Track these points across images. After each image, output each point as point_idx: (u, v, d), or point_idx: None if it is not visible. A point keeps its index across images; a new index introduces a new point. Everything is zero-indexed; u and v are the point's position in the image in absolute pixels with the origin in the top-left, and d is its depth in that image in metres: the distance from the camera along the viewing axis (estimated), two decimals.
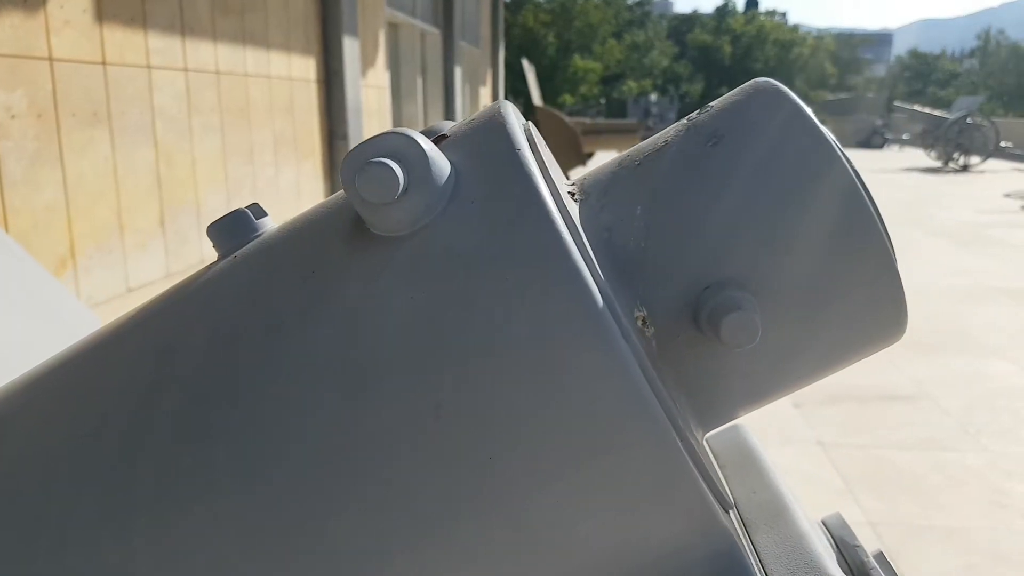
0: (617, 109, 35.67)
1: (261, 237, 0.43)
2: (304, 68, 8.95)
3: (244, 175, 7.51)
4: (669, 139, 0.42)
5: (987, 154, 19.50)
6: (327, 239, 0.38)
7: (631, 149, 0.45)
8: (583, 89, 37.45)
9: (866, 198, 0.39)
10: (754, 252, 0.39)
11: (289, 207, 8.48)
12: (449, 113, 17.22)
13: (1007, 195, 13.84)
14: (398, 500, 0.35)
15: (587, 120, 8.65)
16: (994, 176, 17.65)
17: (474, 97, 20.72)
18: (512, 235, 0.35)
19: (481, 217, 0.35)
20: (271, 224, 0.43)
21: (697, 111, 0.42)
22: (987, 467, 3.33)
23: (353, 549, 0.35)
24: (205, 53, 6.74)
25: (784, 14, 56.51)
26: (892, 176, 17.61)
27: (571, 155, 6.88)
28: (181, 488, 0.36)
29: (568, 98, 34.36)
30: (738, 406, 0.43)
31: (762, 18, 51.88)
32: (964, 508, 3.00)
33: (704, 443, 0.45)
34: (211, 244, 0.43)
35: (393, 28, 14.16)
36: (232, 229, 0.43)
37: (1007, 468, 3.32)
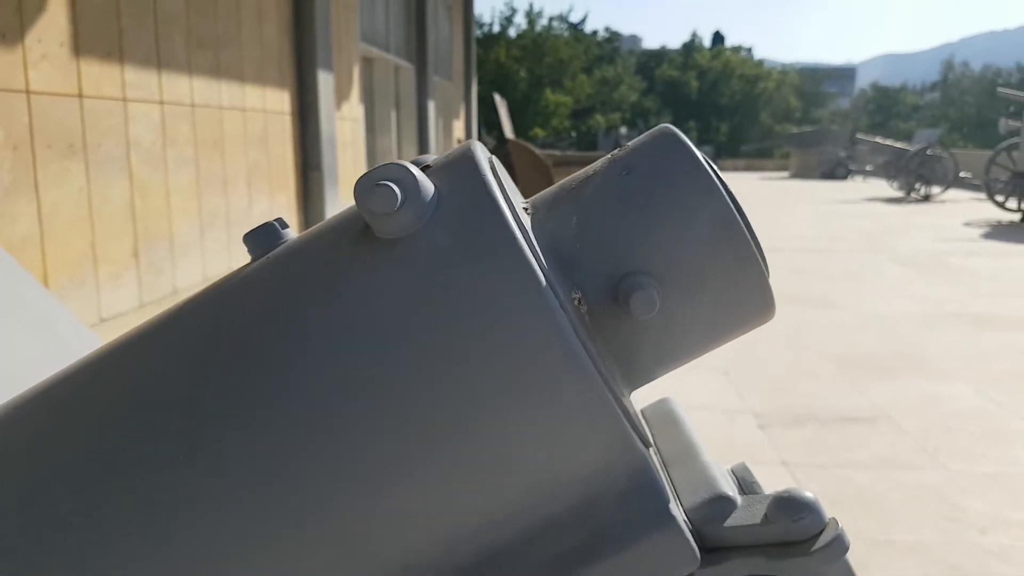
0: (588, 142, 36.15)
1: (287, 243, 0.54)
2: (278, 101, 9.04)
3: (218, 206, 7.56)
4: (597, 169, 0.56)
5: (947, 184, 19.99)
6: (341, 241, 0.51)
7: (570, 176, 0.58)
8: (554, 122, 37.90)
9: (737, 215, 0.52)
10: (655, 250, 0.52)
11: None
12: (423, 146, 17.36)
13: (966, 224, 14.21)
14: (394, 430, 0.45)
15: (558, 152, 8.84)
16: (954, 206, 18.10)
17: (447, 130, 20.92)
18: (479, 236, 0.47)
19: (456, 224, 0.48)
20: (292, 234, 0.54)
21: (618, 148, 0.55)
22: (944, 484, 3.45)
23: (368, 470, 0.45)
24: (180, 86, 6.82)
25: (750, 49, 57.61)
26: (856, 206, 17.99)
27: (543, 184, 7.04)
28: (240, 442, 0.47)
29: (540, 131, 34.76)
30: (652, 368, 0.55)
31: (728, 53, 52.88)
32: (922, 523, 3.11)
33: (630, 397, 0.55)
34: (245, 249, 0.54)
35: (367, 62, 14.33)
36: (264, 237, 0.55)
37: (963, 485, 3.45)
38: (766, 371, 5.12)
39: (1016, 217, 14.72)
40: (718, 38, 59.88)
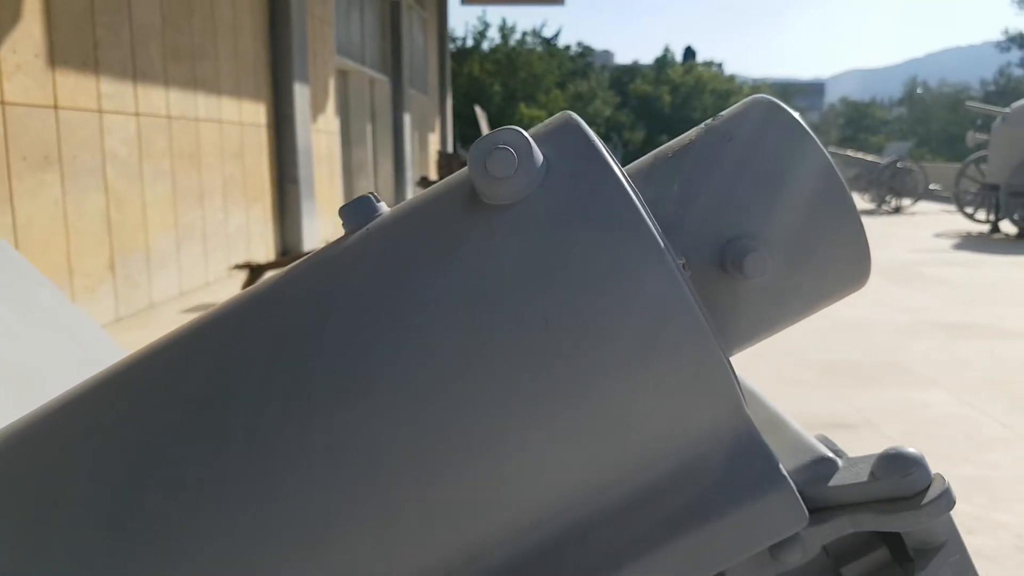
0: None
1: (386, 214, 0.53)
2: (254, 113, 9.00)
3: (194, 219, 7.49)
4: (693, 138, 0.56)
5: (917, 196, 20.30)
6: (451, 209, 0.50)
7: (662, 147, 0.57)
8: None
9: (840, 176, 0.51)
10: (761, 215, 0.52)
11: (239, 252, 8.45)
12: (399, 158, 17.36)
13: (937, 235, 14.44)
14: (516, 392, 0.45)
15: None
16: (924, 217, 18.38)
17: (423, 143, 20.95)
18: (595, 201, 0.47)
19: (570, 189, 0.48)
20: (386, 208, 0.53)
21: (711, 119, 0.57)
22: None
23: (481, 424, 0.45)
24: (156, 98, 6.77)
25: (720, 64, 58.31)
26: None
27: None
28: (353, 386, 0.46)
29: None
30: (750, 335, 0.56)
31: (700, 69, 53.47)
32: None
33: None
34: (340, 223, 0.55)
35: (343, 75, 14.32)
36: (361, 210, 0.54)
37: None
38: (750, 379, 5.14)
39: (985, 228, 14.98)
40: (689, 53, 60.52)
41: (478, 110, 9.74)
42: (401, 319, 0.46)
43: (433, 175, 20.09)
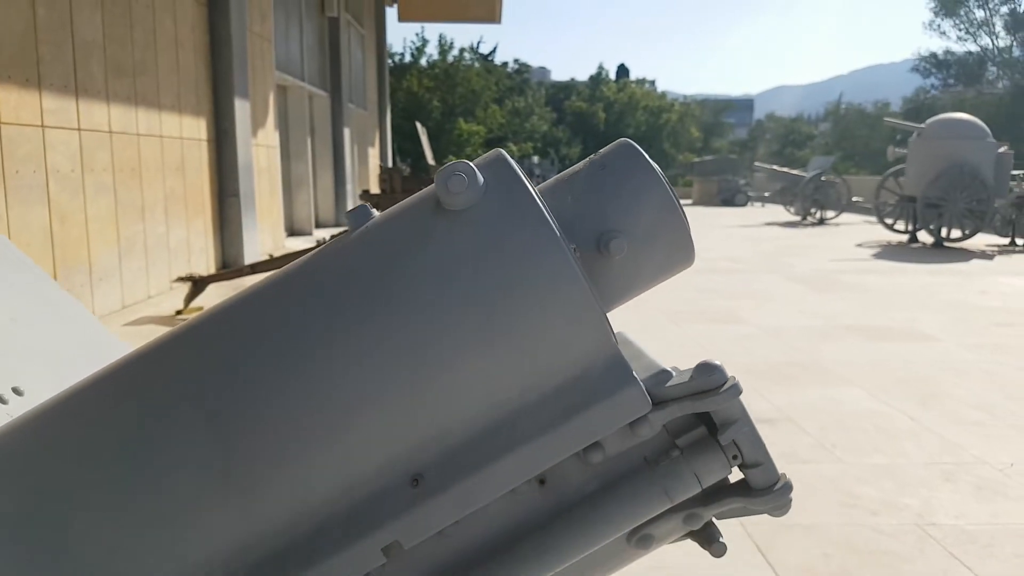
0: None
1: (378, 217, 0.77)
2: (195, 128, 9.03)
3: (136, 233, 7.51)
4: (580, 168, 0.82)
5: (840, 208, 21.15)
6: (421, 214, 0.74)
7: (563, 172, 0.81)
8: (468, 151, 38.35)
9: (673, 196, 0.77)
10: (622, 216, 0.78)
11: (180, 265, 8.47)
12: (338, 172, 17.40)
13: (859, 245, 15.11)
14: (468, 328, 0.69)
15: None
16: (847, 228, 19.17)
17: (363, 157, 21.00)
18: (517, 208, 0.71)
19: (502, 201, 0.72)
20: (376, 213, 0.77)
21: (593, 155, 0.82)
22: (840, 475, 3.79)
23: (445, 349, 0.69)
24: (98, 113, 6.80)
25: (653, 82, 59.53)
26: (754, 230, 18.85)
27: None
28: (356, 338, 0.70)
29: (454, 159, 35.03)
30: (617, 297, 0.81)
31: (633, 86, 54.53)
32: (821, 509, 3.43)
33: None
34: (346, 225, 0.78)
35: (282, 90, 14.37)
36: (361, 215, 0.77)
37: (857, 475, 3.80)
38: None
39: (904, 238, 15.72)
40: (623, 71, 61.63)
41: (419, 126, 9.97)
42: (395, 283, 0.70)
43: (375, 188, 20.16)
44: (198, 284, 7.11)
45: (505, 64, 50.18)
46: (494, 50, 47.69)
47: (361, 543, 0.68)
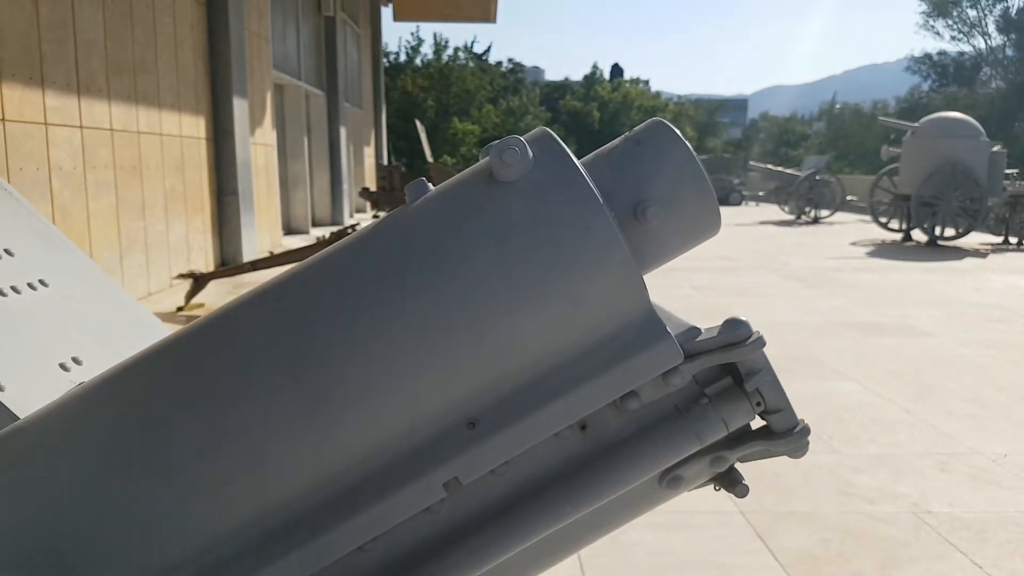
0: None
1: (434, 190, 0.83)
2: (194, 126, 9.08)
3: (136, 231, 7.56)
4: (616, 144, 0.88)
5: (834, 208, 21.27)
6: (476, 184, 0.80)
7: (601, 148, 0.86)
8: (463, 150, 38.41)
9: (702, 170, 0.82)
10: (657, 187, 0.84)
11: (180, 262, 8.51)
12: (335, 170, 17.43)
13: (853, 243, 15.22)
14: (524, 285, 0.75)
15: None
16: (841, 227, 19.28)
17: (358, 156, 21.04)
18: (564, 178, 0.78)
19: (550, 172, 0.78)
20: (432, 187, 0.84)
21: (628, 132, 0.87)
22: (836, 465, 3.86)
23: (504, 305, 0.75)
24: (100, 111, 6.85)
25: (647, 82, 59.59)
26: (750, 229, 18.95)
27: None
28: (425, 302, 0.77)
29: (448, 159, 35.17)
30: (654, 259, 0.88)
31: (627, 86, 54.58)
32: (818, 497, 3.50)
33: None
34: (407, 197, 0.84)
35: (279, 89, 14.41)
36: (419, 188, 0.83)
37: (852, 465, 3.87)
38: None
39: (898, 236, 15.83)
40: (617, 70, 61.70)
41: (419, 125, 10.07)
42: (449, 248, 0.77)
43: (373, 186, 20.23)
44: (199, 281, 7.15)
45: (499, 64, 50.26)
46: (488, 49, 47.82)
47: (424, 478, 0.76)
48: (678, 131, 0.87)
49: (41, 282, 1.17)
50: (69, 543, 0.76)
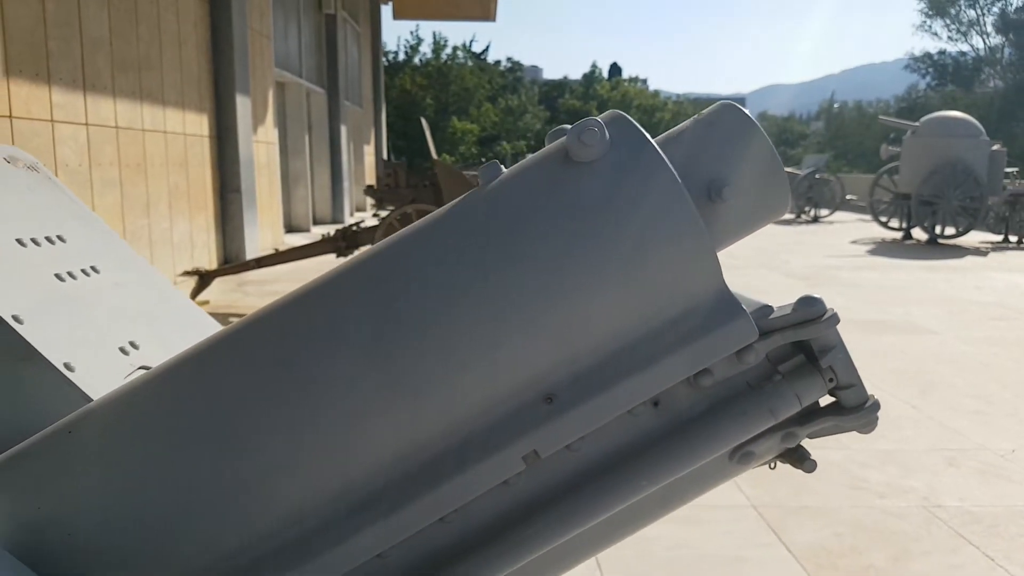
0: None
1: (508, 172, 0.84)
2: (197, 124, 9.08)
3: (141, 228, 7.56)
4: (689, 125, 0.90)
5: (834, 207, 21.31)
6: (551, 166, 0.81)
7: (672, 129, 0.87)
8: (462, 149, 38.42)
9: (774, 150, 0.83)
10: (730, 167, 0.86)
11: (184, 260, 8.52)
12: (335, 168, 17.43)
13: (853, 242, 15.24)
14: (604, 265, 0.76)
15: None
16: (841, 226, 19.30)
17: (358, 154, 21.03)
18: (642, 159, 0.79)
19: (627, 153, 0.79)
20: (504, 170, 0.84)
21: (697, 115, 0.88)
22: (846, 460, 3.88)
23: (580, 283, 0.77)
24: (105, 108, 6.85)
25: (645, 80, 59.63)
26: None
27: None
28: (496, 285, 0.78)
29: (447, 157, 35.15)
30: (726, 237, 0.90)
31: (626, 85, 54.62)
32: (829, 492, 3.52)
33: None
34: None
35: (280, 87, 14.40)
36: (492, 170, 0.84)
37: (862, 460, 3.89)
38: None
39: (898, 235, 15.86)
40: (615, 69, 61.72)
41: (424, 122, 10.07)
42: (528, 227, 0.78)
43: (374, 184, 20.25)
44: (204, 278, 7.16)
45: (498, 63, 50.28)
46: (487, 48, 47.80)
47: (504, 452, 0.78)
48: (748, 113, 0.88)
49: (93, 268, 1.19)
50: (155, 518, 0.77)
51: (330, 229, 8.50)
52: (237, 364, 0.81)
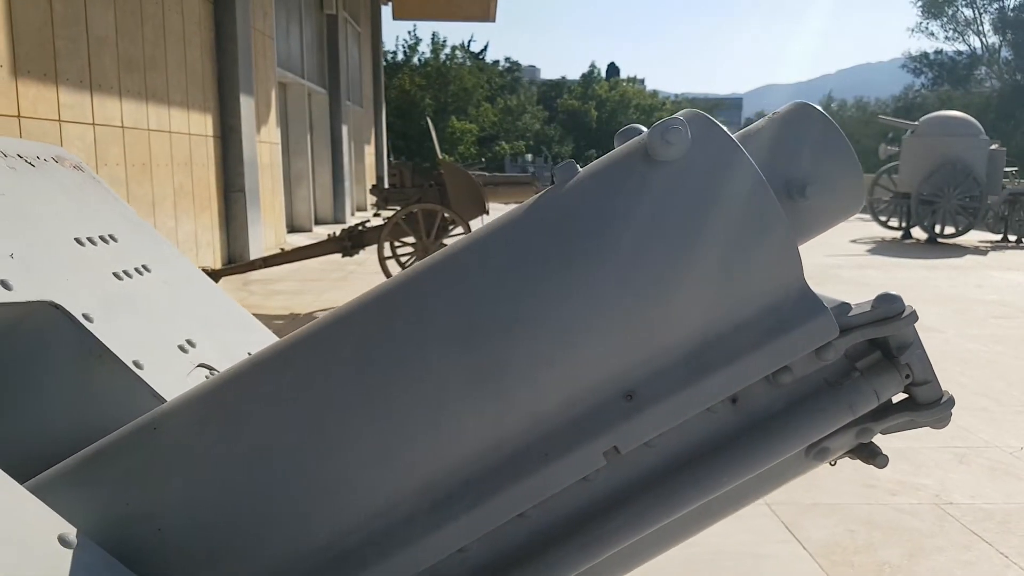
0: (496, 167, 36.79)
1: (584, 171, 0.85)
2: (202, 124, 9.09)
3: None
4: (763, 125, 0.91)
5: None
6: (633, 164, 0.82)
7: (748, 127, 0.89)
8: (461, 148, 38.42)
9: (852, 150, 0.86)
10: (809, 165, 0.88)
11: (188, 258, 8.52)
12: (337, 168, 17.43)
13: (853, 241, 15.27)
14: (693, 261, 0.78)
15: (486, 174, 9.16)
16: (841, 225, 19.27)
17: (359, 154, 21.02)
18: (726, 157, 0.80)
19: (711, 151, 0.80)
20: (580, 169, 0.86)
21: (772, 114, 0.90)
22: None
23: (668, 279, 0.78)
24: (111, 108, 6.86)
25: (643, 80, 59.66)
26: None
27: (476, 206, 7.31)
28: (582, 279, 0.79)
29: (446, 157, 35.12)
30: (805, 234, 0.91)
31: (624, 85, 54.66)
32: (841, 489, 3.54)
33: None
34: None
35: (282, 87, 14.40)
36: (569, 169, 0.86)
37: None
38: None
39: (898, 234, 15.90)
40: (613, 69, 61.75)
41: (429, 122, 10.08)
42: (609, 225, 0.80)
43: (371, 184, 20.27)
44: (212, 277, 7.16)
45: (496, 63, 50.28)
46: (485, 48, 47.79)
47: (585, 447, 0.78)
48: (824, 112, 0.90)
49: (144, 268, 1.20)
50: (244, 513, 0.78)
51: (335, 228, 8.51)
52: (325, 359, 0.82)
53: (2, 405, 0.97)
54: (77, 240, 1.12)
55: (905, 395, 0.89)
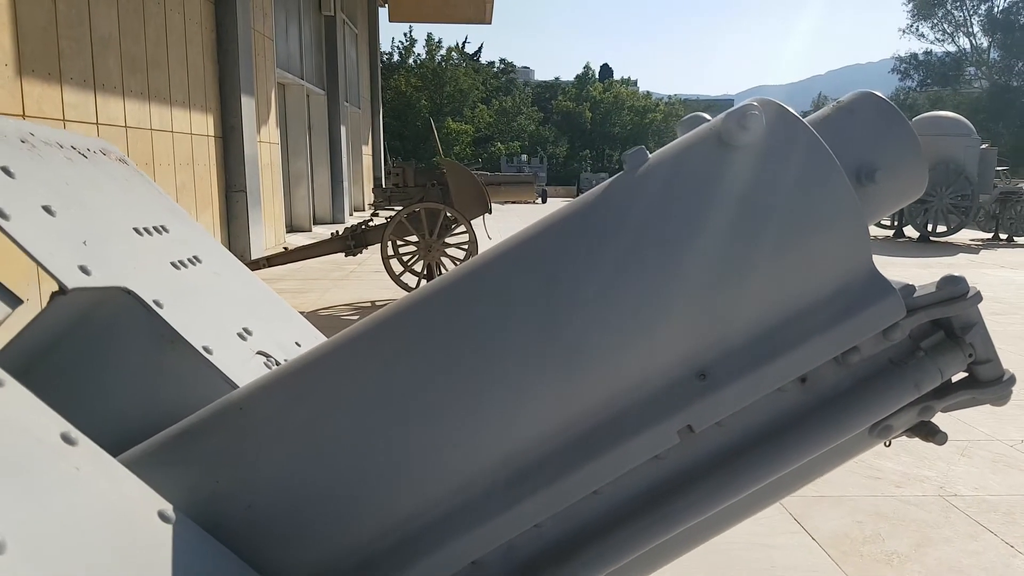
0: (492, 168, 36.74)
1: (654, 157, 0.88)
2: (203, 124, 9.10)
3: None
4: (829, 112, 0.95)
5: None
6: (707, 151, 0.84)
7: (814, 115, 0.95)
8: (456, 149, 38.38)
9: (912, 130, 0.90)
10: (875, 151, 0.91)
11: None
12: (335, 168, 17.44)
13: None
14: (767, 244, 0.80)
15: (487, 173, 9.20)
16: None
17: (357, 155, 21.02)
18: (800, 142, 0.82)
19: (784, 136, 0.83)
20: (649, 155, 0.88)
21: (836, 102, 0.94)
22: None
23: (743, 264, 0.80)
24: (115, 108, 6.87)
25: (635, 82, 59.63)
26: None
27: (478, 205, 7.34)
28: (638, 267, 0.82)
29: (442, 157, 35.10)
30: (873, 216, 0.94)
31: (618, 86, 54.62)
32: (847, 481, 3.59)
33: None
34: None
35: (281, 88, 14.40)
36: (638, 156, 0.88)
37: (878, 451, 3.91)
38: None
39: (890, 233, 16.00)
40: (606, 71, 61.71)
41: (431, 122, 10.13)
42: (684, 209, 0.82)
43: (369, 184, 20.27)
44: None
45: (491, 64, 50.24)
46: (479, 50, 47.72)
47: (659, 425, 0.81)
48: (888, 100, 0.94)
49: (196, 258, 1.23)
50: (331, 489, 0.81)
51: (336, 228, 8.53)
52: (411, 338, 0.85)
53: (80, 387, 1.00)
54: (135, 230, 1.15)
55: (965, 373, 0.92)
